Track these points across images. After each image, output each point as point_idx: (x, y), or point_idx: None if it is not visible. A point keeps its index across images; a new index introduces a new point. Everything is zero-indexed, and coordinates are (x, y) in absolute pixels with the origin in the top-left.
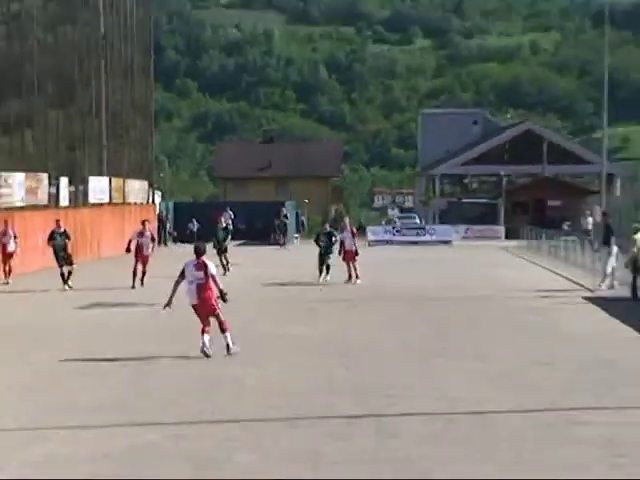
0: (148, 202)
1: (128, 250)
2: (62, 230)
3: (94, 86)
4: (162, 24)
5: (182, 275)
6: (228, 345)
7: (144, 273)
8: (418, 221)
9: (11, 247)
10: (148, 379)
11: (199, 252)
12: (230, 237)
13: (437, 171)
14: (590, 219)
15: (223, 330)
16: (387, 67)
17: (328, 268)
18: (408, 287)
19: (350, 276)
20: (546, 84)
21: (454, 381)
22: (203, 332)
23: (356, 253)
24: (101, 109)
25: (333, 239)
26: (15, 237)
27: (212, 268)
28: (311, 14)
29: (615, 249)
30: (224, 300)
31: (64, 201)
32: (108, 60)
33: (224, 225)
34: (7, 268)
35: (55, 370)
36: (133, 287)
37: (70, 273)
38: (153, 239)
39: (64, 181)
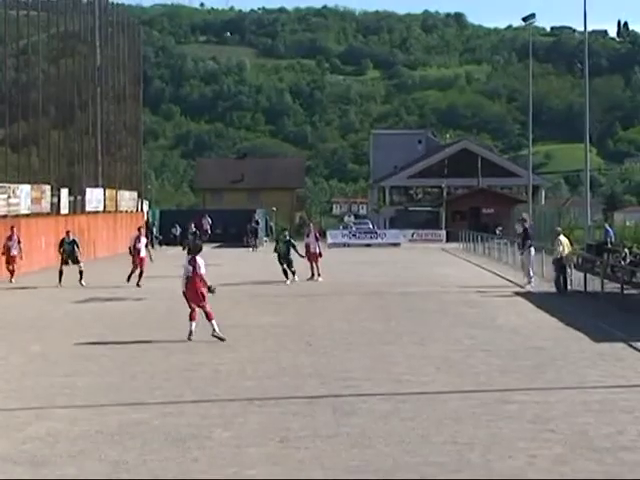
0: (137, 210)
1: (131, 250)
2: (71, 239)
3: (91, 110)
4: (150, 57)
5: None
6: (214, 329)
7: (141, 273)
8: (371, 226)
9: (14, 251)
10: (136, 364)
11: (190, 250)
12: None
13: (387, 183)
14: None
15: (209, 319)
16: (343, 94)
17: (294, 273)
18: (363, 283)
19: (313, 274)
20: (479, 109)
21: (402, 365)
22: (191, 318)
23: (320, 254)
24: (97, 130)
25: (291, 247)
26: (19, 242)
27: (201, 267)
28: (278, 49)
29: (532, 251)
30: (210, 291)
31: (64, 209)
32: (103, 88)
33: (193, 230)
34: (11, 268)
35: (54, 356)
36: (128, 281)
37: (81, 273)
38: (146, 244)
39: (64, 192)
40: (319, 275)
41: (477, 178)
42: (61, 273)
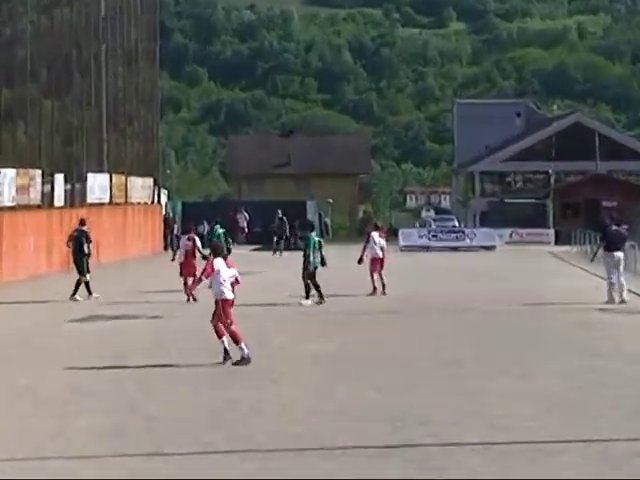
0: (153, 202)
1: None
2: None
3: (93, 73)
4: (169, 4)
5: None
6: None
7: (194, 281)
8: (456, 224)
9: None
10: (152, 401)
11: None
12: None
13: (476, 168)
14: None
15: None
16: (418, 52)
17: (316, 288)
18: (446, 298)
19: (375, 288)
20: (596, 71)
21: (498, 406)
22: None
23: (360, 260)
24: (101, 98)
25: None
26: None
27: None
28: None
29: (615, 255)
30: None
31: (59, 201)
32: (109, 45)
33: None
34: None
35: (46, 391)
36: (188, 300)
37: (78, 284)
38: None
39: (59, 178)
40: (381, 289)
41: (595, 161)
42: (87, 284)
